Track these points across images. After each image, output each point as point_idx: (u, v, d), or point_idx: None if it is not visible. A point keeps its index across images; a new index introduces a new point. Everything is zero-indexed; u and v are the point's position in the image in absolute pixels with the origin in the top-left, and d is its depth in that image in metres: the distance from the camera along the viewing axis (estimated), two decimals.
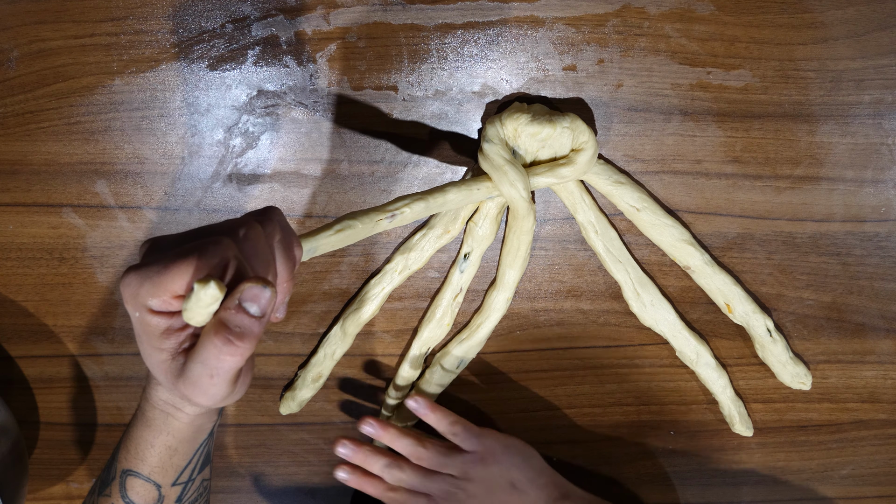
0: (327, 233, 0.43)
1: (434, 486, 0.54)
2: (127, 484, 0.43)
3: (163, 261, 0.32)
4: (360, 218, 0.44)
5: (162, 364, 0.33)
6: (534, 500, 0.54)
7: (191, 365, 0.32)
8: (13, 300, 0.57)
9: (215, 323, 0.31)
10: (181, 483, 0.43)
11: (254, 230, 0.35)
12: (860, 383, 0.60)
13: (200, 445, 0.43)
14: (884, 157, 0.55)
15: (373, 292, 0.56)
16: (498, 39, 0.53)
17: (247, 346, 0.31)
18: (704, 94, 0.54)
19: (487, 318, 0.57)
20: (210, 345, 0.31)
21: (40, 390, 0.59)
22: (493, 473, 0.54)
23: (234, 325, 0.31)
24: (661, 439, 0.61)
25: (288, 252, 0.37)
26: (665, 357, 0.59)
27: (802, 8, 0.53)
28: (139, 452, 0.42)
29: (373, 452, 0.55)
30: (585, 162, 0.50)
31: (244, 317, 0.31)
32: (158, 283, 0.31)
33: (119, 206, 0.55)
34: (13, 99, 0.53)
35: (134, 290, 0.32)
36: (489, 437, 0.56)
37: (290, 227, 0.38)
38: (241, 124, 0.54)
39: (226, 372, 0.32)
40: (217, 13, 0.52)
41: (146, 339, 0.33)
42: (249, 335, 0.31)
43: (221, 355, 0.31)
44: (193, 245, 0.32)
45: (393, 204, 0.46)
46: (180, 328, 0.33)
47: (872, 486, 0.62)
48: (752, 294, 0.57)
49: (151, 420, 0.40)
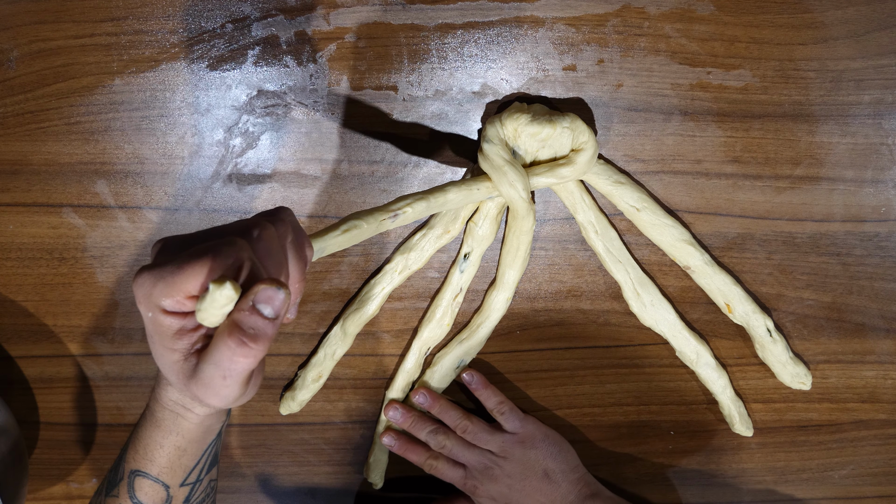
0: (334, 233, 0.43)
1: (473, 458, 0.56)
2: (135, 484, 0.42)
3: (177, 261, 0.31)
4: (364, 218, 0.45)
5: (174, 365, 0.33)
6: (564, 493, 0.55)
7: (203, 366, 0.32)
8: (13, 300, 0.57)
9: (229, 324, 0.31)
10: (189, 483, 0.43)
11: (267, 231, 0.35)
12: (860, 383, 0.60)
13: (209, 446, 0.43)
14: (884, 157, 0.55)
15: (373, 292, 0.56)
16: (498, 39, 0.53)
17: (260, 347, 0.31)
18: (704, 94, 0.54)
19: (487, 319, 0.57)
20: (223, 346, 0.31)
21: (40, 390, 0.59)
22: (530, 457, 0.56)
23: (247, 327, 0.31)
24: (661, 439, 0.61)
25: (300, 252, 0.37)
26: (665, 357, 0.59)
27: (802, 8, 0.53)
28: (148, 453, 0.42)
29: (420, 418, 0.58)
30: (585, 162, 0.50)
31: (258, 318, 0.31)
32: (172, 284, 0.31)
33: (119, 206, 0.55)
34: (13, 99, 0.53)
35: (147, 290, 0.32)
36: (532, 422, 0.57)
37: (301, 227, 0.38)
38: (241, 124, 0.54)
39: (239, 373, 0.32)
40: (217, 13, 0.52)
41: (158, 340, 0.33)
42: (263, 337, 0.31)
43: (235, 357, 0.31)
44: (208, 245, 0.32)
45: (395, 203, 0.47)
46: (193, 329, 0.33)
47: (872, 486, 0.62)
48: (752, 294, 0.57)
49: (161, 420, 0.40)
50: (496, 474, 0.56)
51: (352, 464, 0.61)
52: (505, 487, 0.55)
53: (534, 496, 0.55)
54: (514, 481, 0.55)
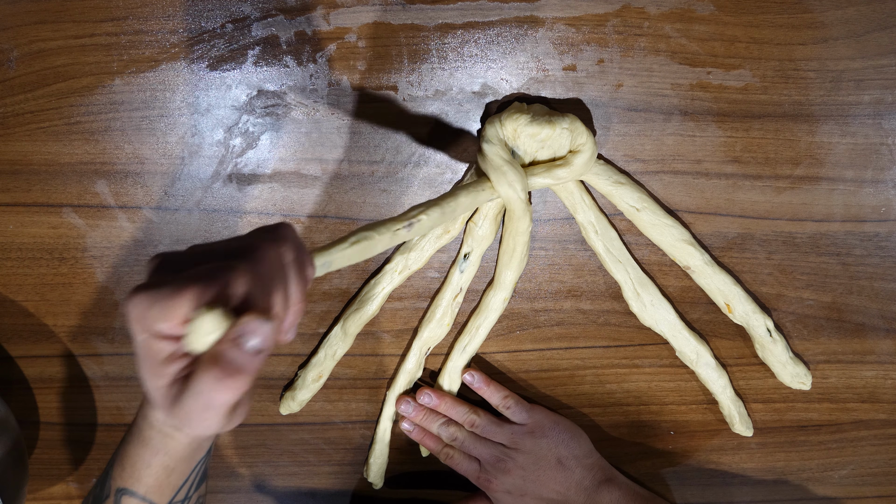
0: (342, 246, 0.41)
1: (485, 451, 0.56)
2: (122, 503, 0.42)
3: (174, 284, 0.30)
4: (377, 229, 0.43)
5: (159, 389, 0.32)
6: (579, 478, 0.55)
7: (185, 395, 0.31)
8: (13, 300, 0.57)
9: (211, 356, 0.30)
10: (177, 502, 0.43)
11: (268, 253, 0.34)
12: (860, 383, 0.60)
13: (198, 464, 0.42)
14: (884, 157, 0.55)
15: (373, 292, 0.56)
16: (498, 39, 0.53)
17: (242, 382, 0.30)
18: (704, 94, 0.54)
19: (486, 319, 0.57)
20: (205, 378, 0.30)
21: (40, 390, 0.59)
22: (541, 446, 0.56)
23: (229, 360, 0.30)
24: (661, 439, 0.61)
25: (301, 272, 0.36)
26: (665, 357, 0.59)
27: (802, 8, 0.53)
28: (135, 472, 0.41)
29: (431, 412, 0.58)
30: (583, 164, 0.50)
31: (240, 352, 0.30)
32: (168, 308, 0.30)
33: (119, 206, 0.55)
34: (13, 99, 0.53)
35: (142, 311, 0.30)
36: (539, 412, 0.58)
37: (303, 244, 0.37)
38: (241, 124, 0.54)
39: (220, 406, 0.31)
40: (217, 13, 0.52)
41: (148, 363, 0.32)
42: (245, 371, 0.30)
43: (215, 390, 0.30)
44: (206, 269, 0.31)
45: (409, 213, 0.45)
46: (183, 354, 0.32)
47: (872, 486, 0.62)
48: (752, 294, 0.57)
49: (149, 439, 0.39)
50: (509, 467, 0.56)
51: (352, 464, 0.61)
52: (519, 479, 0.55)
53: (549, 485, 0.55)
54: (528, 472, 0.55)
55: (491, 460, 0.56)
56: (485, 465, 0.56)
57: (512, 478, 0.56)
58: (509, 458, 0.56)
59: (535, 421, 0.57)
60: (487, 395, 0.58)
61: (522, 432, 0.56)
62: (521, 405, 0.57)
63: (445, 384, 0.58)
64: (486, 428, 0.57)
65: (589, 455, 0.57)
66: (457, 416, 0.58)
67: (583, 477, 0.55)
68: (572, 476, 0.55)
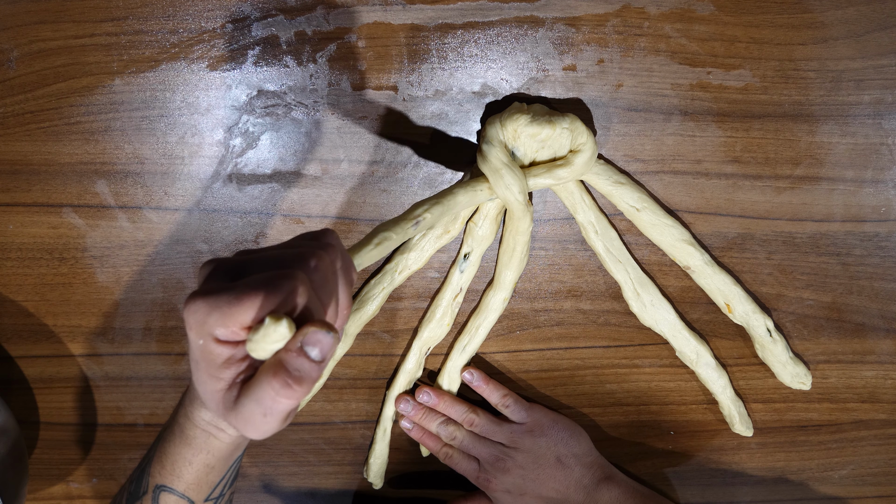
0: (368, 247, 0.43)
1: (484, 450, 0.56)
2: (160, 499, 0.42)
3: (234, 290, 0.31)
4: (393, 229, 0.44)
5: (216, 393, 0.33)
6: (579, 477, 0.55)
7: (245, 401, 0.32)
8: (13, 300, 0.57)
9: (274, 363, 0.31)
10: (213, 498, 0.43)
11: (323, 261, 0.34)
12: (860, 383, 0.60)
13: (235, 462, 0.43)
14: (884, 157, 0.55)
15: (373, 292, 0.56)
16: (498, 39, 0.53)
17: (304, 389, 0.31)
18: (704, 94, 0.54)
19: (486, 319, 0.57)
20: (267, 385, 0.31)
21: (40, 390, 0.59)
22: (541, 445, 0.56)
23: (293, 368, 0.31)
24: (661, 439, 0.61)
25: (348, 277, 0.37)
26: (665, 357, 0.59)
27: (802, 8, 0.53)
28: (175, 469, 0.41)
29: (430, 411, 0.58)
30: (583, 164, 0.50)
31: (305, 361, 0.31)
32: (229, 314, 0.30)
33: (119, 206, 0.55)
34: (13, 99, 0.53)
35: (202, 317, 0.31)
36: (538, 410, 0.58)
37: (345, 250, 0.37)
38: (241, 124, 0.54)
39: (280, 412, 0.32)
40: (217, 13, 0.52)
41: (205, 367, 0.32)
42: (308, 379, 0.31)
43: (278, 397, 0.31)
44: (267, 277, 0.31)
45: (414, 211, 0.46)
46: (241, 359, 0.32)
47: (872, 486, 0.62)
48: (752, 294, 0.57)
49: (192, 439, 0.40)
50: (508, 466, 0.56)
51: (352, 464, 0.61)
52: (518, 478, 0.55)
53: (548, 484, 0.55)
54: (527, 471, 0.55)
55: (490, 459, 0.56)
56: (484, 464, 0.56)
57: (511, 477, 0.56)
58: (508, 457, 0.56)
59: (534, 420, 0.57)
60: (486, 393, 0.58)
61: (521, 431, 0.56)
62: (520, 404, 0.57)
63: (445, 384, 0.58)
64: (485, 427, 0.57)
65: (588, 453, 0.57)
66: (456, 415, 0.58)
67: (582, 475, 0.56)
68: (572, 474, 0.55)
